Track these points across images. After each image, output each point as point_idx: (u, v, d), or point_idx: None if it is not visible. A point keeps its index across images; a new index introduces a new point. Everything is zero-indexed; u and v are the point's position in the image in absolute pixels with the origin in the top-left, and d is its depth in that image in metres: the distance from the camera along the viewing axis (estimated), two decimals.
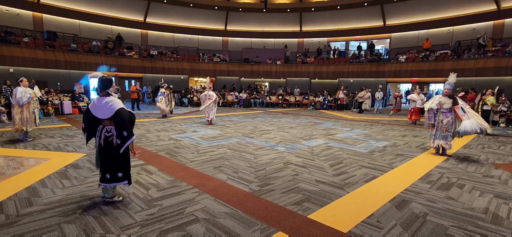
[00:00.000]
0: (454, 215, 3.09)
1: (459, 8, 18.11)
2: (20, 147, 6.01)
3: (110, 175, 3.20)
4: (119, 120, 3.11)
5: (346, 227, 2.81)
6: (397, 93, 14.89)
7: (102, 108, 3.15)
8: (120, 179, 3.23)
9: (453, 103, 5.50)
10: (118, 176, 3.22)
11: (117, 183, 3.24)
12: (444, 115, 5.62)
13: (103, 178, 3.22)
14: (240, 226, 2.80)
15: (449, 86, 5.57)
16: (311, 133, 8.39)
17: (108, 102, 3.15)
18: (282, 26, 23.74)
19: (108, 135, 3.17)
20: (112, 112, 3.11)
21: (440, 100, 5.64)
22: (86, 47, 17.45)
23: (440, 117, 5.67)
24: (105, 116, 3.15)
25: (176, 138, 7.17)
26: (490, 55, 15.15)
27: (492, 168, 4.92)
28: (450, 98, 5.55)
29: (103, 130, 3.19)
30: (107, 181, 3.20)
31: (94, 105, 3.20)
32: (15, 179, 4.01)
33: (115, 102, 3.16)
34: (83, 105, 12.91)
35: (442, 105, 5.61)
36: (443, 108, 5.61)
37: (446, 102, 5.56)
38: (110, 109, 3.11)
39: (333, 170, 4.69)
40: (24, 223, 2.76)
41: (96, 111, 3.18)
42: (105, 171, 3.20)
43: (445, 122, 5.59)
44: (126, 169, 3.28)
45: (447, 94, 5.59)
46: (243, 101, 18.24)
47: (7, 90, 10.90)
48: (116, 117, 3.12)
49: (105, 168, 3.20)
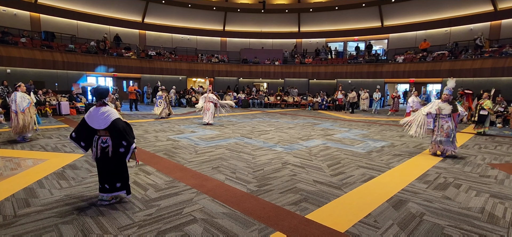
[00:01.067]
0: (451, 215, 3.11)
1: (457, 9, 18.23)
2: (17, 148, 5.99)
3: (109, 186, 3.19)
4: (116, 131, 3.07)
5: (344, 227, 2.83)
6: (395, 93, 14.95)
7: (97, 119, 3.11)
8: (118, 189, 3.23)
9: (453, 110, 5.49)
10: (117, 186, 3.22)
11: (116, 193, 3.24)
12: (444, 120, 5.58)
13: (103, 189, 3.21)
14: (238, 226, 2.81)
15: (448, 92, 5.53)
16: (309, 133, 8.41)
17: (104, 113, 3.11)
18: (281, 27, 23.78)
19: (104, 146, 3.14)
20: (108, 123, 3.07)
21: (439, 105, 5.60)
22: (84, 47, 17.40)
23: (440, 122, 5.63)
24: (100, 126, 3.11)
25: (174, 139, 7.17)
26: (487, 56, 15.25)
27: (489, 168, 4.95)
28: (450, 104, 5.54)
29: (99, 141, 3.15)
30: (107, 191, 3.20)
31: (90, 115, 3.17)
32: (13, 179, 4.00)
33: (111, 113, 3.12)
34: (81, 106, 12.86)
35: (441, 111, 5.58)
36: (442, 114, 5.58)
37: (446, 108, 5.53)
38: (105, 120, 3.08)
39: (331, 170, 4.71)
40: (22, 224, 2.76)
41: (92, 122, 3.14)
42: (103, 182, 3.19)
43: (445, 127, 5.54)
44: (124, 179, 3.27)
45: (446, 99, 5.56)
46: (241, 101, 18.24)
47: (4, 90, 10.85)
48: (112, 128, 3.08)
49: (104, 178, 3.19)
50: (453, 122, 5.55)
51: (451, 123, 5.53)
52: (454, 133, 5.55)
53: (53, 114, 11.81)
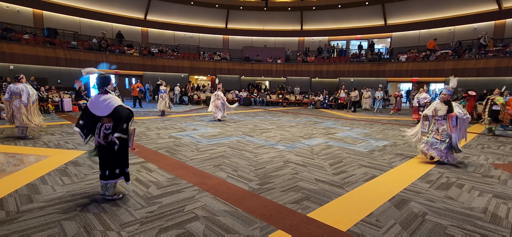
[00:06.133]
0: (453, 215, 3.10)
1: (460, 8, 18.09)
2: (20, 144, 6.02)
3: (109, 172, 3.21)
4: (119, 117, 3.11)
5: (346, 225, 2.82)
6: (397, 92, 14.88)
7: (100, 106, 3.15)
8: (117, 175, 3.25)
9: (448, 111, 4.92)
10: (116, 172, 3.24)
11: (115, 180, 3.25)
12: (439, 123, 5.05)
13: (103, 175, 3.23)
14: (240, 224, 2.81)
15: (446, 91, 4.97)
16: (311, 132, 8.39)
17: (106, 100, 3.15)
18: (283, 25, 23.70)
19: (107, 132, 3.17)
20: (111, 110, 3.11)
21: (436, 106, 5.12)
22: (86, 44, 17.44)
23: (435, 125, 5.13)
24: (103, 113, 3.15)
25: (176, 136, 7.18)
26: (491, 55, 15.13)
27: (492, 168, 4.92)
28: (446, 104, 4.97)
29: (102, 128, 3.19)
30: (106, 178, 3.21)
31: (93, 102, 3.21)
32: (15, 175, 4.02)
33: (114, 100, 3.16)
34: (83, 103, 12.90)
35: (437, 112, 5.07)
36: (437, 115, 5.06)
37: (442, 109, 5.00)
38: (108, 107, 3.11)
39: (332, 169, 4.70)
40: (24, 220, 2.77)
41: (94, 109, 3.18)
42: (104, 168, 3.21)
43: (440, 130, 5.02)
44: (123, 166, 3.29)
45: (444, 100, 4.99)
46: (243, 99, 18.23)
47: (7, 87, 10.88)
48: (114, 115, 3.12)
49: (104, 165, 3.21)
50: (449, 125, 4.91)
51: (446, 126, 4.95)
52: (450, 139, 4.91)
53: (56, 111, 11.87)
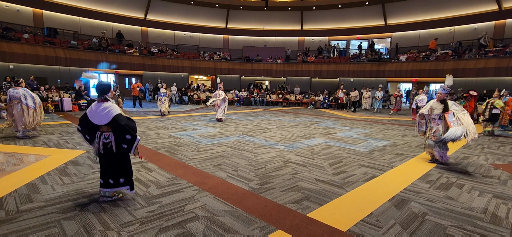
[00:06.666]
0: (453, 215, 3.10)
1: (460, 8, 18.09)
2: (20, 143, 6.01)
3: (113, 181, 3.19)
4: (118, 126, 3.06)
5: (346, 225, 2.82)
6: (397, 92, 14.88)
7: (99, 114, 3.10)
8: (122, 184, 3.23)
9: (444, 109, 4.85)
10: (120, 181, 3.22)
11: (120, 188, 3.23)
12: (434, 122, 5.00)
13: (106, 184, 3.20)
14: (240, 224, 2.80)
15: (442, 90, 4.89)
16: (311, 132, 8.39)
17: (105, 108, 3.10)
18: (283, 25, 23.70)
19: (106, 141, 3.13)
20: (109, 118, 3.07)
21: (432, 105, 5.06)
22: (86, 44, 17.43)
23: (430, 124, 5.10)
24: (102, 122, 3.10)
25: (176, 136, 7.17)
26: (491, 56, 15.14)
27: (492, 168, 4.92)
28: (441, 103, 4.91)
29: (101, 137, 3.15)
30: (110, 186, 3.19)
31: (92, 110, 3.16)
32: (15, 175, 4.01)
33: (112, 108, 3.11)
34: (83, 102, 12.89)
35: (432, 111, 5.01)
36: (434, 114, 5.00)
37: (437, 108, 4.93)
38: (107, 116, 3.07)
39: (332, 169, 4.70)
40: (24, 219, 2.77)
41: (93, 117, 3.13)
42: (107, 177, 3.19)
43: (434, 129, 4.96)
44: (128, 174, 3.27)
45: (440, 98, 4.93)
46: (243, 99, 18.23)
47: (7, 86, 10.88)
48: (113, 124, 3.07)
49: (107, 174, 3.19)
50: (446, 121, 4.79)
51: (441, 126, 4.89)
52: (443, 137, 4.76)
53: (55, 110, 11.86)
